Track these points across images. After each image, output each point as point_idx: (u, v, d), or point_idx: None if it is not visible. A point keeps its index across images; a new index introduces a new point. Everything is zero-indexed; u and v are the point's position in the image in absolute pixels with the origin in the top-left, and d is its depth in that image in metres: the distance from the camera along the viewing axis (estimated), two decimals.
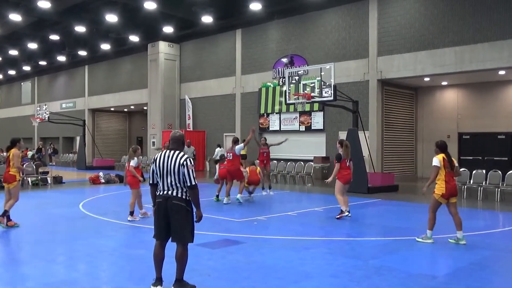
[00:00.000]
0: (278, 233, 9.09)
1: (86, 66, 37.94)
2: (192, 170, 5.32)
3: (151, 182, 5.53)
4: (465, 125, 21.40)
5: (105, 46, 31.08)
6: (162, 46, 29.42)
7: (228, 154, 13.29)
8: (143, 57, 31.17)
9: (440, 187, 8.03)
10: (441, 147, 8.26)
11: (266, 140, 16.36)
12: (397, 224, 10.08)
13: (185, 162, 5.32)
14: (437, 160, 8.10)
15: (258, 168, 14.35)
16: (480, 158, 20.64)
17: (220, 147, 21.63)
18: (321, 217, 11.05)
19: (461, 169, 15.58)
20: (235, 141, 13.39)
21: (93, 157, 34.13)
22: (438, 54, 18.48)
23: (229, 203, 12.82)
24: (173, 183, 5.34)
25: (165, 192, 5.35)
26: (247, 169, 14.06)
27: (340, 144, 11.05)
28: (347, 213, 10.61)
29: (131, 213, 10.26)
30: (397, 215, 11.57)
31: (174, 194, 5.31)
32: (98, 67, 36.81)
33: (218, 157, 16.18)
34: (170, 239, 5.43)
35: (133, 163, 10.52)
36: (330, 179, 10.75)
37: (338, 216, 10.61)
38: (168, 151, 5.47)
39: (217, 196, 13.37)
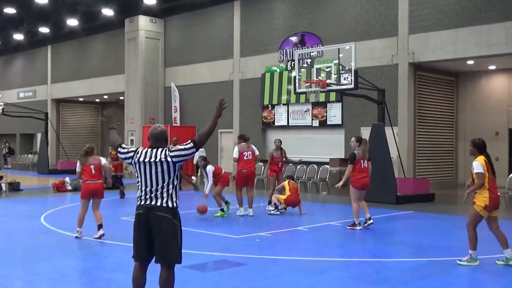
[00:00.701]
0: (285, 252, 9.10)
1: (49, 47, 37.95)
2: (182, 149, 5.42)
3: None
4: None
5: (72, 22, 31.09)
6: (143, 21, 29.43)
7: (246, 153, 13.25)
8: (119, 35, 31.20)
9: (483, 198, 7.98)
10: (480, 147, 8.20)
11: (281, 143, 14.81)
12: (432, 242, 10.09)
13: (173, 154, 5.38)
14: (480, 165, 8.03)
15: (297, 184, 14.33)
16: None
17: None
18: (339, 233, 11.06)
19: None
20: (245, 139, 13.50)
21: (58, 159, 34.18)
22: (484, 31, 18.45)
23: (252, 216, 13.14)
24: (157, 189, 5.32)
25: (147, 201, 5.32)
26: (285, 184, 13.90)
27: (358, 141, 11.12)
28: (359, 227, 11.14)
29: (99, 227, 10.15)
30: (433, 231, 11.57)
31: (158, 203, 5.28)
32: (64, 48, 36.83)
33: (198, 159, 14.07)
34: (152, 260, 5.43)
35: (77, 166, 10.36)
36: (340, 183, 11.06)
37: (350, 227, 11.17)
38: (150, 149, 5.47)
39: (222, 210, 13.18)
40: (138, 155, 5.44)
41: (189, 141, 5.48)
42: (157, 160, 5.36)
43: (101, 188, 10.32)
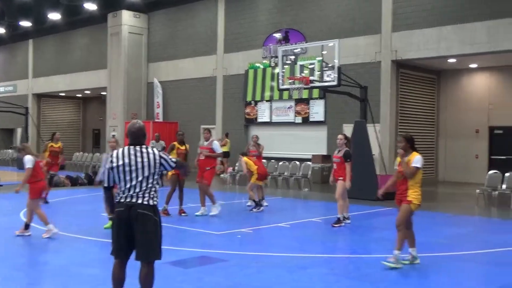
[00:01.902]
0: (267, 249, 9.09)
1: (31, 41, 37.57)
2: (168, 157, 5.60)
3: (106, 184, 5.51)
4: (498, 118, 21.57)
5: (55, 16, 30.76)
6: (126, 16, 29.24)
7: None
8: (102, 30, 30.95)
9: (418, 195, 7.71)
10: (413, 143, 7.85)
11: (258, 139, 15.12)
12: None
13: (163, 156, 5.50)
14: (421, 160, 7.72)
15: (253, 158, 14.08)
16: None
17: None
18: (321, 230, 11.08)
19: (491, 171, 15.78)
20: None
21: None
22: (467, 29, 18.58)
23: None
24: (140, 186, 5.33)
25: (128, 199, 5.32)
26: (242, 162, 13.68)
27: (346, 138, 11.24)
28: (345, 222, 11.21)
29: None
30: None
31: (140, 201, 5.30)
32: (46, 42, 36.47)
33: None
34: (132, 257, 5.40)
35: (29, 163, 9.89)
36: (349, 182, 11.01)
37: (336, 225, 11.03)
38: (132, 146, 5.43)
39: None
40: (117, 159, 5.40)
41: (175, 160, 5.68)
42: (144, 160, 5.36)
43: None
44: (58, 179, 19.70)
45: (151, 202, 5.33)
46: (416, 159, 7.62)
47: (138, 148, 5.42)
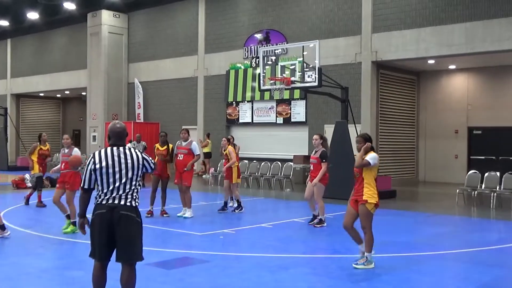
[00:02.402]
0: (249, 249, 9.11)
1: (9, 40, 37.16)
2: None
3: (86, 186, 5.40)
4: (477, 118, 21.85)
5: (33, 15, 30.45)
6: (106, 16, 29.05)
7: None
8: (82, 29, 30.72)
9: (373, 194, 7.64)
10: (371, 142, 7.87)
11: (233, 139, 15.11)
12: (394, 238, 10.22)
13: (145, 157, 5.53)
14: (376, 157, 7.68)
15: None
16: (494, 157, 21.11)
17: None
18: (303, 230, 11.12)
19: (471, 171, 15.97)
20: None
21: (17, 155, 33.51)
22: (445, 31, 18.80)
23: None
24: (123, 188, 5.31)
25: (110, 200, 5.28)
26: (228, 151, 13.17)
27: (322, 138, 11.25)
28: (325, 224, 11.22)
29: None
30: (394, 227, 11.74)
31: (122, 202, 5.28)
32: (24, 42, 36.08)
33: None
34: (112, 258, 5.39)
35: None
36: (316, 180, 10.97)
37: (319, 225, 11.09)
38: (115, 147, 5.40)
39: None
40: (100, 160, 5.33)
41: (153, 162, 5.71)
42: (128, 161, 5.35)
43: None
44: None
45: (133, 204, 5.33)
46: (370, 156, 7.62)
47: (121, 149, 5.39)
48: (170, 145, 12.73)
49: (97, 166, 5.33)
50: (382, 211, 13.86)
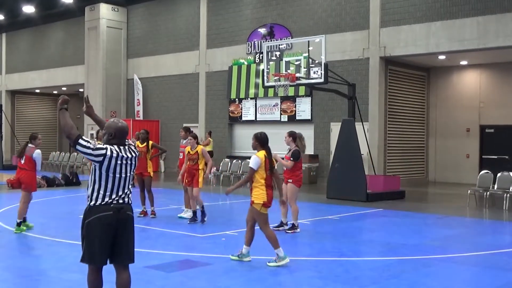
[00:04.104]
0: (252, 251, 9.12)
1: (4, 35, 37.22)
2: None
3: (81, 139, 5.16)
4: (489, 116, 21.82)
5: (29, 9, 30.50)
6: (104, 10, 29.08)
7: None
8: (79, 24, 30.77)
9: (260, 195, 7.96)
10: (263, 141, 8.24)
11: (210, 135, 14.79)
12: (402, 240, 10.23)
13: (136, 152, 5.50)
14: (258, 159, 7.98)
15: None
16: (507, 157, 21.07)
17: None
18: (308, 232, 11.12)
19: (483, 171, 15.95)
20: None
21: (13, 154, 33.55)
22: (456, 25, 18.77)
23: None
24: (127, 187, 5.38)
25: (116, 200, 5.25)
26: (202, 151, 11.89)
27: (291, 136, 11.00)
28: (299, 229, 10.76)
29: None
30: (403, 229, 11.74)
31: (126, 202, 5.32)
32: (20, 36, 36.14)
33: None
34: (107, 262, 5.38)
35: None
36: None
37: (290, 231, 10.67)
38: (122, 147, 5.34)
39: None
40: (111, 152, 5.20)
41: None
42: (129, 158, 5.36)
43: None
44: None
45: (130, 201, 5.42)
46: (251, 159, 8.02)
47: (126, 147, 5.40)
48: (151, 142, 12.79)
49: (113, 161, 5.20)
50: (391, 212, 13.91)
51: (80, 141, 5.13)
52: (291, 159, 10.78)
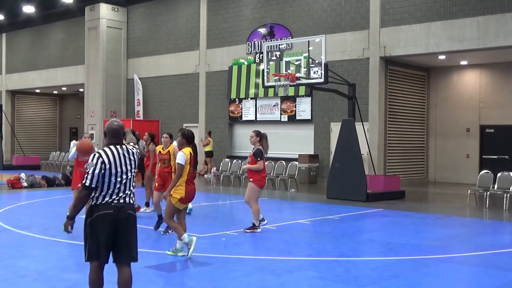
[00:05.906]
0: (252, 251, 9.13)
1: (4, 35, 37.21)
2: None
3: (93, 185, 5.26)
4: (489, 116, 21.80)
5: (29, 9, 30.50)
6: (104, 9, 29.07)
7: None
8: (79, 24, 30.76)
9: (179, 190, 8.28)
10: (189, 138, 8.49)
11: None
12: (402, 240, 10.23)
13: (137, 154, 5.58)
14: (184, 156, 8.26)
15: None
16: (507, 157, 21.07)
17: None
18: (308, 232, 11.13)
19: (483, 171, 15.96)
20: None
21: (13, 154, 33.59)
22: (456, 25, 18.76)
23: None
24: (129, 187, 5.45)
25: (117, 199, 5.35)
26: (174, 151, 11.09)
27: (258, 136, 10.94)
28: (259, 229, 10.68)
29: None
30: (403, 229, 11.74)
31: (127, 201, 5.40)
32: (20, 36, 36.13)
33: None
34: (108, 260, 5.45)
35: None
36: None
37: (249, 231, 10.60)
38: (119, 146, 5.45)
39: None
40: (108, 159, 5.32)
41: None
42: (129, 158, 5.45)
43: None
44: (34, 179, 19.61)
45: (132, 201, 5.49)
46: (178, 156, 8.30)
47: (124, 147, 5.48)
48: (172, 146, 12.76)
49: (107, 166, 5.32)
50: (391, 212, 13.91)
51: (85, 181, 5.29)
52: (258, 159, 10.74)
